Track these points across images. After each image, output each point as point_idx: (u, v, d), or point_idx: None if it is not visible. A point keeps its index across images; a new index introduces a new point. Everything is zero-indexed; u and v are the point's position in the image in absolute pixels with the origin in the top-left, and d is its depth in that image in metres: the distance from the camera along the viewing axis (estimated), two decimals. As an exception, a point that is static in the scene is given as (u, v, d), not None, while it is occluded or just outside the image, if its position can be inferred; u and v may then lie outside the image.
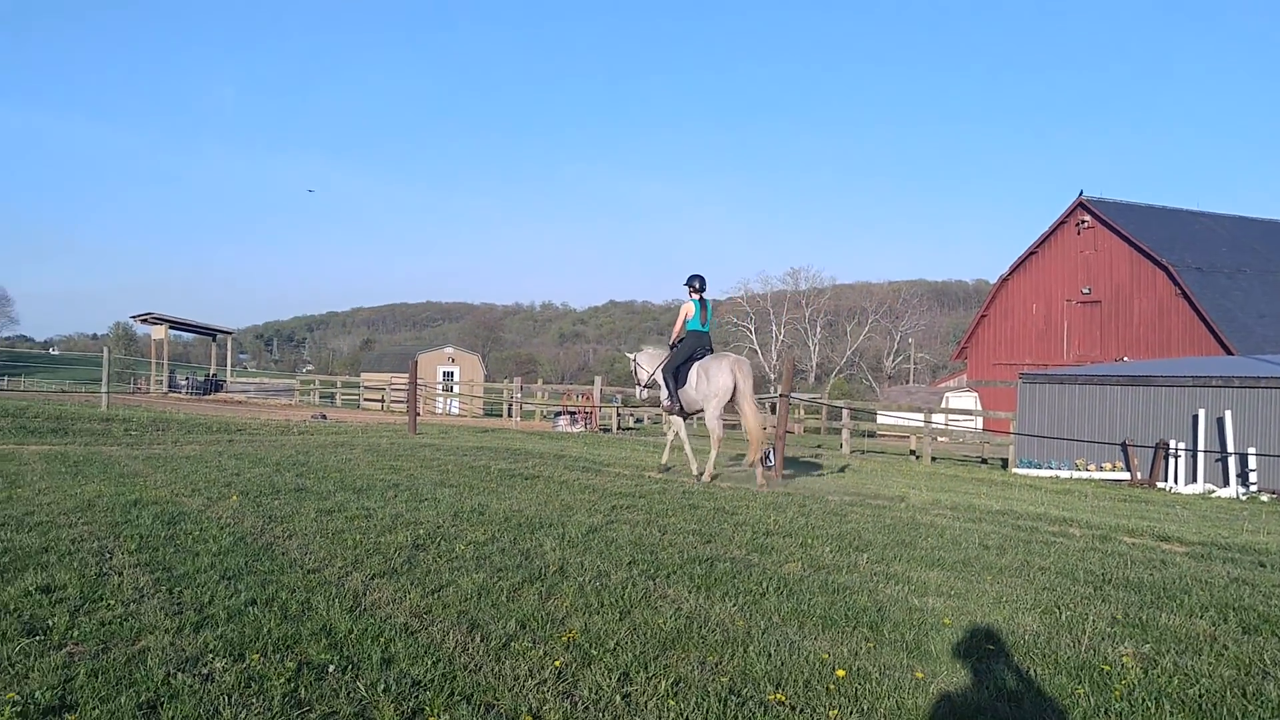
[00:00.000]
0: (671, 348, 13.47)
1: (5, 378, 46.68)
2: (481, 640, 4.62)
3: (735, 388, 12.53)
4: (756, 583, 6.13)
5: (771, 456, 13.90)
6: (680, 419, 13.76)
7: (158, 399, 36.27)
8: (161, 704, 3.64)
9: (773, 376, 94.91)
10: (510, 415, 35.92)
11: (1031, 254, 49.03)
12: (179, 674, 3.94)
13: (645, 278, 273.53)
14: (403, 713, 3.69)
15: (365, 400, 44.73)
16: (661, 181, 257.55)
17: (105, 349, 31.69)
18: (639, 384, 14.14)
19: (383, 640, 4.52)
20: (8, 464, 11.14)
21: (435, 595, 5.43)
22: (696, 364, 12.90)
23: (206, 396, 40.99)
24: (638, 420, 38.67)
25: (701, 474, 12.78)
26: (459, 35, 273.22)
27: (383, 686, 3.92)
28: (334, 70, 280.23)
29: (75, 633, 4.46)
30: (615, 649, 4.58)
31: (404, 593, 5.45)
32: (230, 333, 55.79)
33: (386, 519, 7.99)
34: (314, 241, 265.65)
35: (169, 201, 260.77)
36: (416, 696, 3.86)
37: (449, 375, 50.01)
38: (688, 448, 13.81)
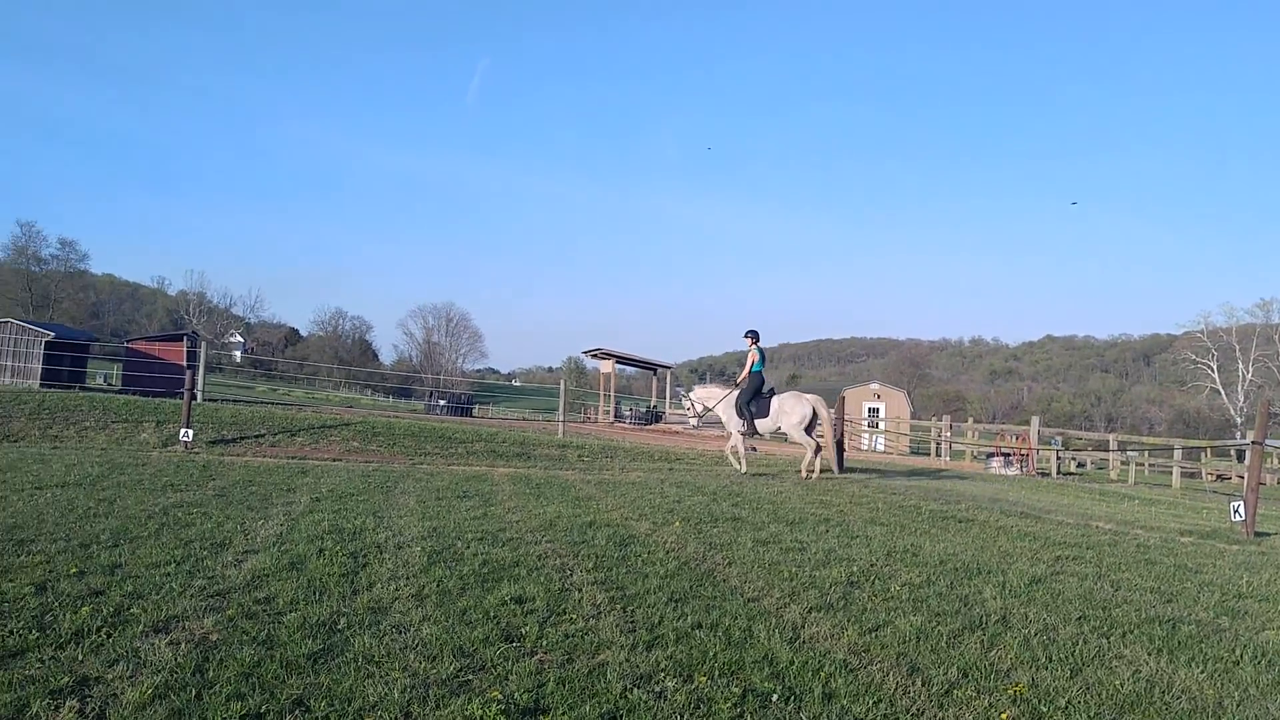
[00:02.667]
0: (737, 386, 17.55)
1: (477, 406, 52.42)
2: (923, 684, 4.52)
3: (816, 415, 17.16)
4: (1228, 649, 5.52)
5: (1242, 511, 12.46)
6: (743, 436, 17.58)
7: (605, 427, 39.06)
8: (620, 716, 3.91)
9: (1239, 420, 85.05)
10: (938, 454, 34.99)
11: None
12: (634, 689, 4.21)
13: (1086, 310, 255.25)
14: (845, 750, 3.69)
15: (793, 434, 45.45)
16: (1103, 207, 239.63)
17: (562, 381, 34.58)
18: (696, 415, 18.20)
19: (823, 675, 4.56)
20: (482, 484, 12.51)
21: (873, 634, 5.39)
22: (776, 398, 17.18)
23: (647, 426, 43.53)
24: (1080, 465, 36.18)
25: (741, 470, 17.35)
26: (874, 58, 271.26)
27: (825, 721, 3.95)
28: (760, 108, 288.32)
29: (544, 642, 4.90)
30: (1067, 708, 4.31)
31: (841, 629, 5.47)
32: (669, 367, 59.04)
33: (820, 553, 8.07)
34: (745, 279, 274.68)
35: (613, 246, 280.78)
36: (858, 735, 3.85)
37: (874, 411, 49.62)
38: (742, 452, 17.77)
